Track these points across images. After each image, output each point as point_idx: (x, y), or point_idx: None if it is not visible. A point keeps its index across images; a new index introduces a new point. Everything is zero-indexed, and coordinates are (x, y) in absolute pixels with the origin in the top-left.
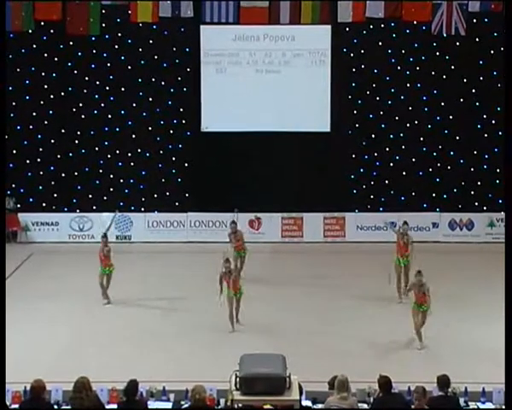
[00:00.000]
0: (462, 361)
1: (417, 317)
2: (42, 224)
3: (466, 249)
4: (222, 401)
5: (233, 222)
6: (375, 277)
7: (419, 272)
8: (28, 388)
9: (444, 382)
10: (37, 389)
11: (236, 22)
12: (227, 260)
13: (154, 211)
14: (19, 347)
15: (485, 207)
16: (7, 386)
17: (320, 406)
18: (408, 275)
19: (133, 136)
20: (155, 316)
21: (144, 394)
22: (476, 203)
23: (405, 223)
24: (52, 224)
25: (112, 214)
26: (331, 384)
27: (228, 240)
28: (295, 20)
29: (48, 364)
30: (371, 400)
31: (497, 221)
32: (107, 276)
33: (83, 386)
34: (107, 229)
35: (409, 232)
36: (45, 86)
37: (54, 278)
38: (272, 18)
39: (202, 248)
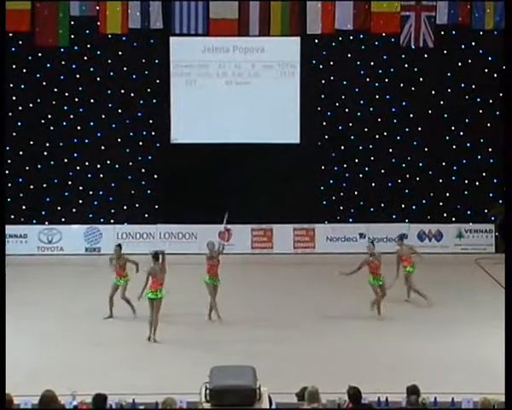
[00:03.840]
0: (432, 372)
1: (377, 291)
2: (10, 236)
3: (435, 260)
4: None
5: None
6: (345, 288)
7: (372, 242)
8: None
9: (413, 392)
10: (49, 399)
11: (206, 34)
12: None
13: (123, 223)
14: None
15: (453, 218)
16: None
17: None
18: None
19: (102, 147)
20: (122, 327)
21: (114, 407)
22: (445, 214)
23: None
24: (21, 236)
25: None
26: (300, 396)
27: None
28: (265, 31)
29: (16, 377)
30: None
31: (466, 232)
32: (121, 287)
33: (50, 400)
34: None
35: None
36: (13, 98)
37: (22, 290)
38: (242, 30)
39: (171, 260)
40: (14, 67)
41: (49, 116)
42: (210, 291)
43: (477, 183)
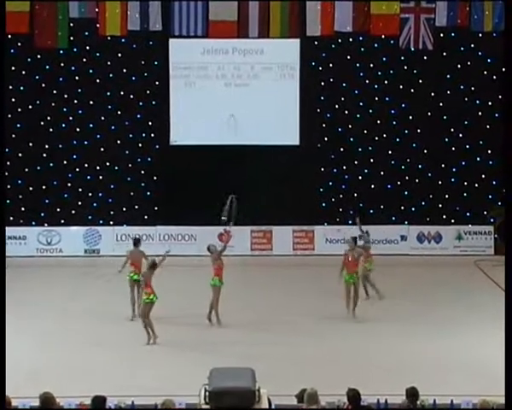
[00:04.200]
0: (431, 373)
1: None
2: (9, 238)
3: (434, 262)
4: None
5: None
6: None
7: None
8: None
9: (412, 394)
10: (48, 401)
11: (205, 36)
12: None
13: (122, 224)
14: None
15: (453, 220)
16: None
17: None
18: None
19: (102, 149)
20: (122, 328)
21: (113, 408)
22: (444, 216)
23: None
24: (20, 238)
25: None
26: (299, 398)
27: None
28: (264, 33)
29: (15, 379)
30: None
31: (465, 234)
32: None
33: (48, 402)
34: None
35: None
36: (13, 99)
37: (22, 291)
38: (241, 31)
39: (171, 262)
40: (13, 68)
41: (49, 118)
42: (216, 294)
43: (476, 185)
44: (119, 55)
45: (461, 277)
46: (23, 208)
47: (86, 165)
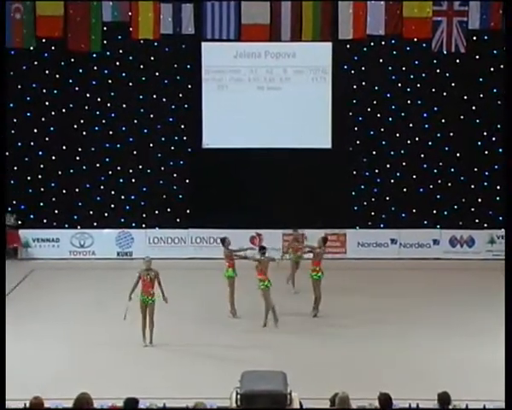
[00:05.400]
0: (464, 378)
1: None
2: (43, 240)
3: (466, 266)
4: None
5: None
6: (376, 293)
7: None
8: (28, 405)
9: (444, 399)
10: (36, 406)
11: (237, 39)
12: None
13: (155, 227)
14: (18, 363)
15: (485, 224)
16: (6, 403)
17: None
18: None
19: (134, 152)
20: (155, 332)
21: None
22: (477, 220)
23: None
24: (53, 240)
25: None
26: (332, 402)
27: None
28: (296, 36)
29: (48, 380)
30: None
31: (498, 238)
32: (148, 308)
33: (85, 402)
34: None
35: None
36: (46, 103)
37: (54, 294)
38: (273, 35)
39: (203, 265)
40: (46, 72)
41: (82, 121)
42: (231, 285)
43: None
44: (152, 58)
45: (493, 281)
46: (56, 211)
47: (119, 168)
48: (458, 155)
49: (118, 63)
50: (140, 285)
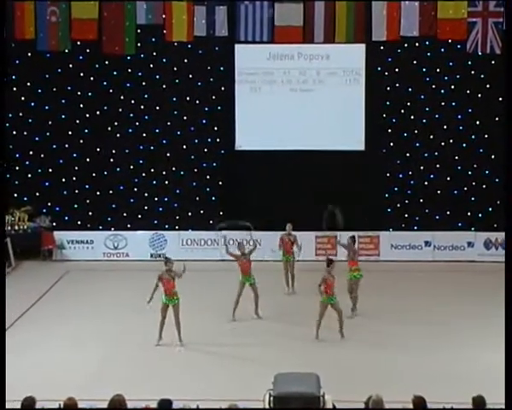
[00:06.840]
0: (499, 383)
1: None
2: (77, 242)
3: (501, 269)
4: None
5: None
6: (409, 295)
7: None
8: (61, 405)
9: (480, 403)
10: (70, 407)
11: (271, 41)
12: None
13: (188, 229)
14: (52, 364)
15: None
16: (40, 403)
17: None
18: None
19: (168, 154)
20: (186, 333)
21: None
22: None
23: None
24: (87, 242)
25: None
26: (367, 404)
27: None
28: (329, 38)
29: (81, 381)
30: None
31: None
32: (173, 308)
33: (118, 404)
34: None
35: None
36: (81, 105)
37: (89, 295)
38: (306, 37)
39: (235, 267)
40: (81, 75)
41: (116, 123)
42: (240, 289)
43: None
44: (185, 60)
45: None
46: (90, 213)
47: (152, 170)
48: (493, 156)
49: (151, 65)
50: (161, 288)
